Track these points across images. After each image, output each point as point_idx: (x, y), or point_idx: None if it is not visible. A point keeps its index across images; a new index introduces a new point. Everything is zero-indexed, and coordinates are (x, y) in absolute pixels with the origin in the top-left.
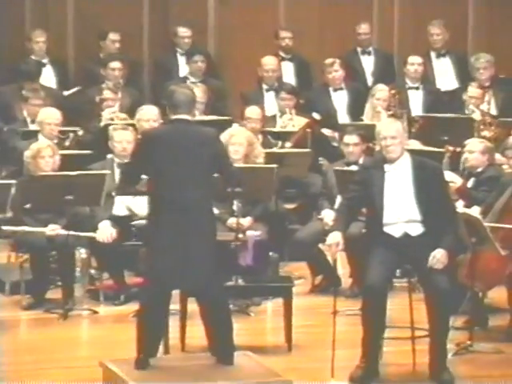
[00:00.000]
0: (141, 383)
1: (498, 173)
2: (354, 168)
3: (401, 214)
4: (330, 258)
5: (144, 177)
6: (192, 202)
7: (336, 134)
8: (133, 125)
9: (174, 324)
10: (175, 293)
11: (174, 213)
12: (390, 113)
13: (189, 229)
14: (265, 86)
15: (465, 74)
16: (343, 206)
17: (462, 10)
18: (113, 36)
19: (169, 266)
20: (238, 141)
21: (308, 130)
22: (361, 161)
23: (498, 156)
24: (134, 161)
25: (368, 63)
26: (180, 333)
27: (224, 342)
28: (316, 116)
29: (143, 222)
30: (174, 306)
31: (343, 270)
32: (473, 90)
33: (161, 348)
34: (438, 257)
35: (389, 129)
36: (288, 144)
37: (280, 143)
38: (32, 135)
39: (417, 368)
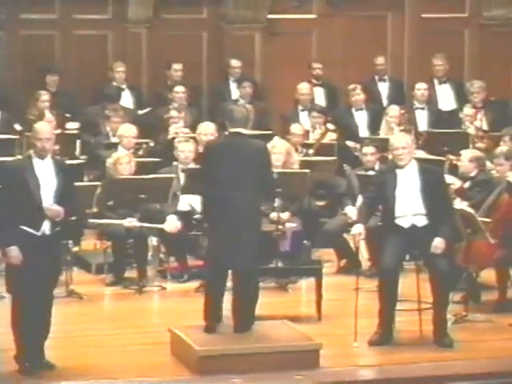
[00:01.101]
0: (201, 344)
1: (488, 177)
2: (371, 173)
3: (409, 208)
4: (352, 245)
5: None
6: (242, 200)
7: (358, 146)
8: (194, 138)
9: (227, 298)
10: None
11: (227, 209)
12: (401, 128)
13: (239, 222)
14: (300, 107)
15: (461, 97)
16: (364, 204)
17: (459, 45)
18: (176, 66)
19: (223, 251)
20: (278, 151)
21: (326, 136)
22: (376, 167)
23: (488, 163)
24: (202, 167)
25: (383, 88)
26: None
27: (246, 312)
28: (330, 126)
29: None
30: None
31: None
32: (468, 110)
33: None
34: (435, 244)
35: (400, 141)
36: (311, 151)
37: (304, 151)
38: (113, 146)
39: (423, 334)
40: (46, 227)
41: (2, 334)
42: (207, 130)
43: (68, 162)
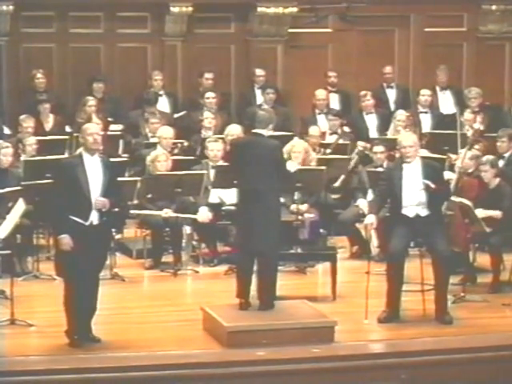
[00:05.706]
0: (229, 321)
1: None
2: (380, 169)
3: (414, 199)
4: (363, 234)
5: None
6: (262, 192)
7: (368, 145)
8: (222, 138)
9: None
10: None
11: (251, 200)
12: (407, 130)
13: (261, 211)
14: (317, 111)
15: (461, 103)
16: (376, 197)
17: (459, 56)
18: (207, 75)
19: (249, 236)
20: (297, 150)
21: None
22: (385, 164)
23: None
24: (231, 164)
25: (391, 95)
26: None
27: (267, 291)
28: (346, 129)
29: (231, 207)
30: None
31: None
32: (466, 114)
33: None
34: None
35: (408, 140)
36: (328, 150)
37: (322, 150)
38: (152, 146)
39: (426, 312)
40: (93, 218)
41: (54, 311)
42: (234, 132)
43: (112, 159)
